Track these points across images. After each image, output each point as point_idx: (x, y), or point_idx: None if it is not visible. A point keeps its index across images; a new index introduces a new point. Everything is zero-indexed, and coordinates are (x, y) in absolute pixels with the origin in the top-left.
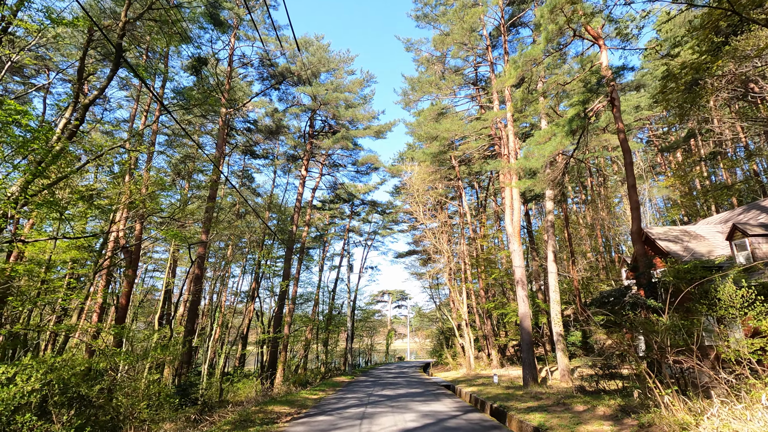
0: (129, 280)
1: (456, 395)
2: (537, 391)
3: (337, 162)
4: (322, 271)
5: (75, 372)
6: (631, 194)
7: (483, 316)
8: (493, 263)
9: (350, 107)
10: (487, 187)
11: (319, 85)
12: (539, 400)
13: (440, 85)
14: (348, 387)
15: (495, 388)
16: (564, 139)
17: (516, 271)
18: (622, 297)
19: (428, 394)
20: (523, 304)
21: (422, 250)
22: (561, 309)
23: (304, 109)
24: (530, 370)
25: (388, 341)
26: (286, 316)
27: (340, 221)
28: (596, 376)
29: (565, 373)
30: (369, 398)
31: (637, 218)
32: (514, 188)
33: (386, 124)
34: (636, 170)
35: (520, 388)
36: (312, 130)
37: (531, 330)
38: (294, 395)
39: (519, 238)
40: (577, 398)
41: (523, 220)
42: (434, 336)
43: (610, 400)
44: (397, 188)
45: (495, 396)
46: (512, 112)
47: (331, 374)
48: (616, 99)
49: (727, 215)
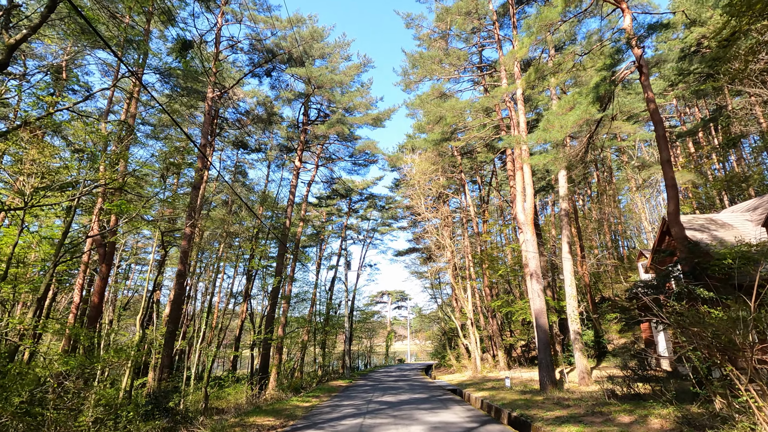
0: (102, 276)
1: (465, 401)
2: (558, 396)
3: (333, 155)
4: (319, 271)
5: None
6: (667, 170)
7: (488, 316)
8: (496, 260)
9: (346, 93)
10: (490, 182)
11: (312, 68)
12: (566, 408)
13: (443, 60)
14: (345, 392)
15: (508, 392)
16: (590, 106)
17: (530, 263)
18: (662, 286)
19: (434, 400)
20: (538, 299)
21: (423, 247)
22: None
23: (297, 95)
24: (548, 372)
25: (388, 343)
26: (280, 316)
27: (338, 218)
28: (629, 379)
29: (584, 376)
30: (368, 406)
31: (674, 197)
32: (525, 171)
33: (385, 111)
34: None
35: (537, 393)
36: (306, 119)
37: (548, 328)
38: (284, 402)
39: (533, 227)
40: (613, 405)
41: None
42: (435, 337)
43: (660, 408)
44: (397, 181)
45: (511, 402)
46: (523, 88)
47: (328, 378)
48: (644, 66)
49: (755, 202)
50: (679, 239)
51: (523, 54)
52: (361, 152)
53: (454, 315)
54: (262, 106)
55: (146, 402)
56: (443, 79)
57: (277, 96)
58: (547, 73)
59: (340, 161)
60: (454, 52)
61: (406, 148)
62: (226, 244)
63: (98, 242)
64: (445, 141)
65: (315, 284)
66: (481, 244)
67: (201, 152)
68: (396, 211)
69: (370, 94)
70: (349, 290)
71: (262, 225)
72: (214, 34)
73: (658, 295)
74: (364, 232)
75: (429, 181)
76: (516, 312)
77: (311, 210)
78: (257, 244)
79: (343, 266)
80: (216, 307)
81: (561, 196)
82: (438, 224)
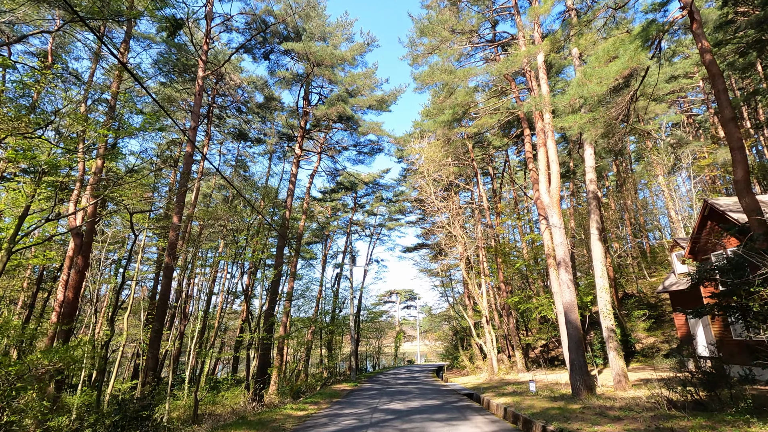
0: (78, 269)
1: (485, 409)
2: (599, 404)
3: (336, 144)
4: (324, 269)
5: None
6: (732, 130)
7: (502, 314)
8: (509, 255)
9: (349, 74)
10: (503, 174)
11: (311, 43)
12: (617, 421)
13: (455, 27)
14: (348, 397)
15: (535, 399)
16: (638, 52)
17: (557, 250)
18: (743, 267)
19: (450, 408)
20: (568, 291)
21: (432, 243)
22: (596, 300)
23: (295, 75)
24: (581, 375)
25: (397, 344)
26: (282, 315)
27: (343, 214)
28: (693, 382)
29: (620, 379)
30: (372, 416)
31: (742, 161)
32: (550, 147)
33: (391, 93)
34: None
35: (570, 400)
36: (307, 104)
37: (579, 324)
38: (276, 411)
39: (559, 209)
40: (679, 418)
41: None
42: (446, 337)
43: (752, 425)
44: (405, 171)
45: (543, 412)
46: (546, 52)
47: (334, 380)
48: (695, 12)
49: None
50: (751, 211)
51: (546, 9)
52: (364, 135)
53: (467, 313)
54: (260, 91)
55: (115, 410)
56: (454, 56)
57: (277, 81)
58: (575, 31)
59: (345, 151)
60: (467, 15)
61: (414, 136)
62: (224, 237)
63: (74, 231)
64: (456, 121)
65: (320, 282)
66: (495, 237)
67: (184, 132)
68: (404, 205)
69: (375, 75)
70: (356, 288)
71: (261, 218)
72: (206, 10)
73: (739, 279)
74: (371, 228)
75: (439, 169)
76: (536, 309)
77: (316, 206)
78: (254, 237)
79: (348, 262)
80: (219, 307)
81: (588, 179)
82: (449, 214)
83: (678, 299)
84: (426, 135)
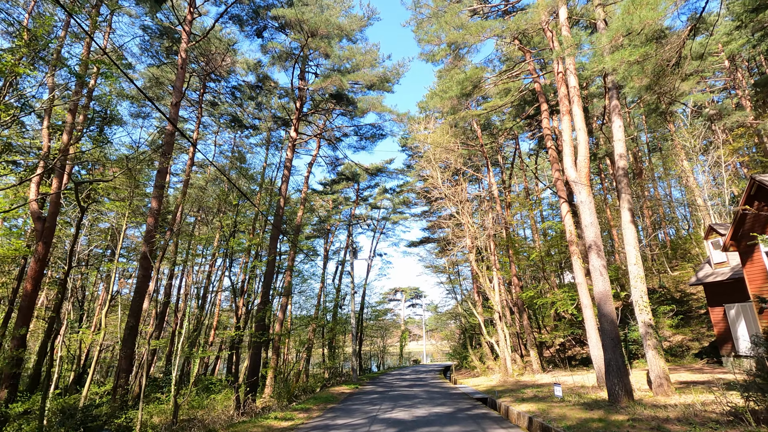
0: (37, 258)
1: (505, 418)
2: (648, 414)
3: (336, 129)
4: (326, 265)
5: None
6: None
7: (514, 310)
8: (521, 245)
9: (347, 48)
10: (512, 165)
11: (305, 8)
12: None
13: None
14: (345, 403)
15: (564, 406)
16: None
17: (586, 232)
18: None
19: (463, 417)
20: (601, 278)
21: (439, 237)
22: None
23: (289, 52)
24: (619, 377)
25: (402, 343)
26: (279, 311)
27: (345, 207)
28: (752, 386)
29: (662, 382)
30: (369, 428)
31: None
32: (576, 113)
33: (393, 69)
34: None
35: (608, 408)
36: (303, 83)
37: (615, 317)
38: (255, 421)
39: (588, 183)
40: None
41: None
42: (453, 336)
43: None
44: (410, 157)
45: (579, 425)
46: None
47: (335, 381)
48: None
49: None
50: None
51: None
52: (364, 114)
53: (476, 310)
54: (254, 70)
55: (59, 421)
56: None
57: (270, 59)
58: None
59: (345, 138)
60: None
61: (417, 121)
62: (209, 223)
63: (35, 215)
64: (465, 96)
65: (321, 279)
66: (506, 227)
67: (160, 111)
68: (408, 197)
69: (376, 50)
70: (359, 284)
71: (257, 210)
72: None
73: None
74: (375, 222)
75: (446, 153)
76: (552, 305)
77: (317, 199)
78: (250, 233)
79: (349, 255)
80: (217, 304)
81: (618, 153)
82: (457, 201)
83: (715, 292)
84: (431, 119)
